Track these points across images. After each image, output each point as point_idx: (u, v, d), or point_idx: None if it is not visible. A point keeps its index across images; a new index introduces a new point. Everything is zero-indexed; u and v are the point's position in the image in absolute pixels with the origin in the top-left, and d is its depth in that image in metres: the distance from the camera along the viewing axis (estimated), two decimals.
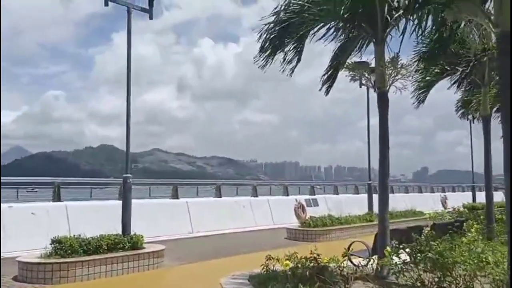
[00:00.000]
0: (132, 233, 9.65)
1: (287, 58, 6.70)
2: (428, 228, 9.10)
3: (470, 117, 26.55)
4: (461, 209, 13.71)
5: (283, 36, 6.35)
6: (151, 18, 10.03)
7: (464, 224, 10.17)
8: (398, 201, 23.96)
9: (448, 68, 8.26)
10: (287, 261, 5.25)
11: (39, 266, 7.91)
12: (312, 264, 5.86)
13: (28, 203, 12.83)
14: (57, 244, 8.43)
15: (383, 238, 5.68)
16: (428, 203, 27.09)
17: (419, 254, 5.01)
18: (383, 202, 5.66)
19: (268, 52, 6.47)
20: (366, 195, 26.28)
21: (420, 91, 9.29)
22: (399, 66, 5.72)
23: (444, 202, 32.34)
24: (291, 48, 6.63)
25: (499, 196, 35.39)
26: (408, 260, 5.71)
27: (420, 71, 6.66)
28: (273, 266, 6.68)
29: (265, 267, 6.56)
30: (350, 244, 7.88)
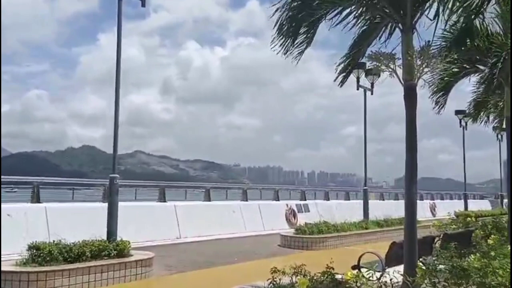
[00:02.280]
0: (118, 238, 8.84)
1: (296, 42, 6.00)
2: (438, 239, 8.49)
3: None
4: (468, 218, 13.10)
5: (298, 20, 5.65)
6: (143, 5, 9.26)
7: (472, 234, 9.59)
8: (388, 208, 23.48)
9: (468, 66, 7.66)
10: (303, 279, 4.45)
11: (13, 275, 7.04)
12: (328, 279, 5.14)
13: (4, 203, 11.86)
14: (34, 251, 7.58)
15: (411, 249, 4.99)
16: (418, 211, 26.56)
17: (460, 271, 4.32)
18: (411, 208, 4.99)
19: (283, 37, 5.78)
20: (357, 201, 25.89)
21: (439, 94, 8.68)
22: (430, 56, 5.06)
23: (433, 210, 32.04)
24: (302, 31, 5.93)
25: (482, 205, 35.36)
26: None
27: (440, 67, 5.99)
28: (280, 280, 5.94)
29: (272, 282, 5.81)
30: (361, 256, 7.18)
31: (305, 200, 22.09)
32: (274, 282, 5.82)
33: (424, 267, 4.44)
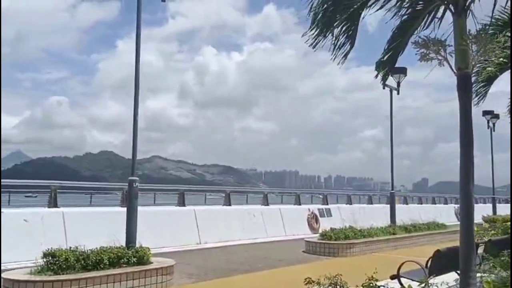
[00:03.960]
0: (137, 244, 8.38)
1: (338, 43, 5.50)
2: (482, 245, 7.85)
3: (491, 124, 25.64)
4: (505, 223, 12.40)
5: (333, 12, 5.16)
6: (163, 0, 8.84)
7: None
8: (412, 213, 22.71)
9: None
10: None
11: (28, 285, 6.61)
12: None
13: (21, 208, 11.55)
14: (50, 258, 7.14)
15: (468, 258, 4.40)
16: (442, 215, 25.71)
17: None
18: (468, 212, 4.41)
19: (317, 31, 5.28)
20: (380, 205, 25.19)
21: (481, 85, 8.06)
22: (487, 40, 4.48)
23: (457, 214, 31.03)
24: (342, 30, 5.43)
25: (508, 209, 34.17)
26: None
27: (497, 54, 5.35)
28: None
29: None
30: (401, 265, 6.59)
31: (327, 204, 21.48)
32: None
33: (489, 280, 3.85)
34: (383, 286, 5.06)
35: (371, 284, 5.00)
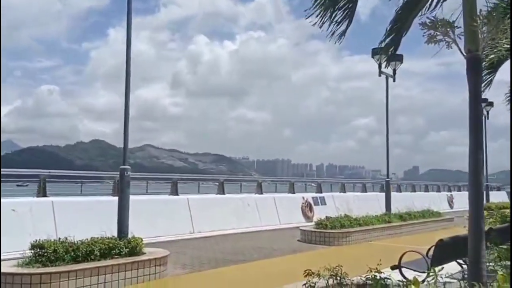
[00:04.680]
0: (129, 235, 8.13)
1: (336, 19, 5.23)
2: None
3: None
4: (501, 210, 12.29)
5: None
6: None
7: None
8: (407, 200, 22.65)
9: None
10: None
11: (15, 277, 6.33)
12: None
13: (8, 198, 11.21)
14: (38, 249, 6.87)
15: (478, 246, 4.19)
16: (435, 203, 25.69)
17: None
18: (477, 198, 4.19)
19: (319, 10, 5.01)
20: (374, 193, 25.10)
21: (486, 71, 7.84)
22: (499, 20, 4.23)
23: (450, 202, 31.10)
24: (340, 6, 5.16)
25: (499, 196, 34.27)
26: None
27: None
28: (315, 285, 5.18)
29: (309, 287, 5.05)
30: (402, 255, 6.39)
31: (321, 192, 21.32)
32: (310, 287, 5.06)
33: (504, 273, 3.63)
34: (388, 278, 4.83)
35: (375, 276, 4.76)
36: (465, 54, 4.47)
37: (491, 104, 25.13)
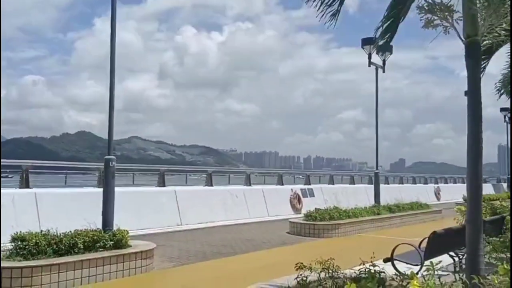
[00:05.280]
0: (115, 227, 7.89)
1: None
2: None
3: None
4: (491, 202, 12.24)
5: None
6: None
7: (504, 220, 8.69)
8: (394, 192, 22.68)
9: None
10: (351, 285, 3.32)
11: None
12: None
13: None
14: (19, 242, 6.61)
15: (476, 238, 4.05)
16: (422, 195, 25.76)
17: None
18: (476, 190, 4.03)
19: None
20: (362, 185, 25.08)
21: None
22: (499, 4, 4.06)
23: (437, 194, 31.25)
24: None
25: (485, 189, 34.49)
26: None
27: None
28: (307, 278, 5.01)
29: (300, 281, 4.88)
30: (395, 248, 6.25)
31: (310, 184, 21.22)
32: (302, 281, 4.89)
33: (505, 266, 3.48)
34: (382, 271, 4.68)
35: (369, 270, 4.60)
36: (463, 39, 4.31)
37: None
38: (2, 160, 12.65)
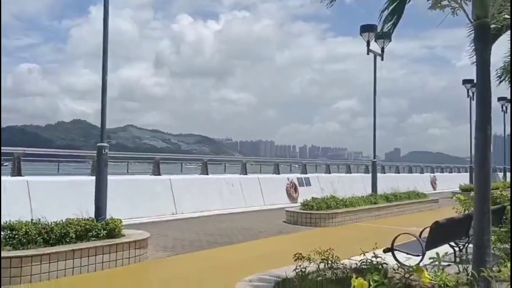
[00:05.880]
0: (108, 216, 7.69)
1: None
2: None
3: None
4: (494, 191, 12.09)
5: None
6: None
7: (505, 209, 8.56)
8: (391, 182, 22.54)
9: None
10: (360, 280, 3.12)
11: None
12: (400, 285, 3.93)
13: None
14: (8, 231, 6.42)
15: (484, 229, 3.88)
16: (419, 184, 25.68)
17: None
18: (484, 178, 3.85)
19: None
20: (358, 175, 24.96)
21: None
22: None
23: (433, 183, 31.22)
24: None
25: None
26: None
27: None
28: (306, 269, 4.85)
29: (299, 272, 4.71)
30: (395, 238, 6.08)
31: (306, 173, 21.08)
32: (301, 272, 4.72)
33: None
34: (385, 263, 4.51)
35: (371, 261, 4.44)
36: (472, 21, 4.10)
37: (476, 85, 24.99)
38: None
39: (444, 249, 6.70)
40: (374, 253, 4.61)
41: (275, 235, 10.42)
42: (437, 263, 4.61)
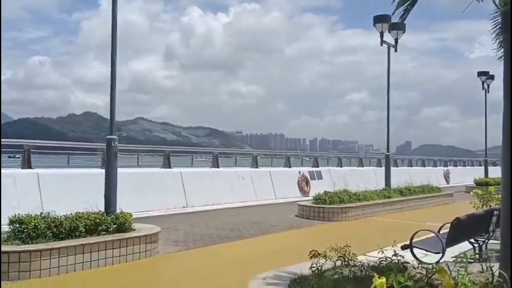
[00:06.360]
0: (118, 210, 7.56)
1: None
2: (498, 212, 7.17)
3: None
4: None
5: None
6: None
7: None
8: (403, 175, 22.23)
9: None
10: (381, 279, 2.91)
11: None
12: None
13: None
14: (17, 225, 6.31)
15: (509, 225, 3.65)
16: (432, 178, 25.33)
17: None
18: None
19: None
20: (370, 168, 24.70)
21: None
22: None
23: (447, 177, 30.82)
24: None
25: (496, 172, 34.03)
26: None
27: None
28: (322, 267, 4.65)
29: (315, 270, 4.53)
30: (414, 234, 5.87)
31: (318, 166, 20.86)
32: (317, 270, 4.54)
33: None
34: (407, 262, 4.31)
35: (391, 260, 4.23)
36: (500, 7, 3.85)
37: (492, 77, 24.53)
38: (4, 139, 12.39)
39: (461, 245, 6.50)
40: (394, 251, 4.38)
41: (287, 230, 10.24)
42: (459, 260, 4.40)
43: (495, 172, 35.10)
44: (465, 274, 3.26)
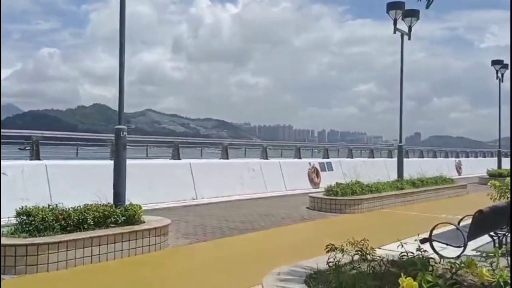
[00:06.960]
0: (127, 201, 7.40)
1: None
2: None
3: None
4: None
5: None
6: None
7: None
8: (414, 166, 21.94)
9: None
10: (408, 279, 2.63)
11: None
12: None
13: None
14: (24, 217, 6.17)
15: None
16: (443, 169, 24.99)
17: None
18: None
19: None
20: (381, 159, 24.43)
21: None
22: None
23: (459, 168, 30.42)
24: None
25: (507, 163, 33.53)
26: None
27: None
28: (338, 261, 4.45)
29: (333, 265, 4.32)
30: (434, 227, 5.64)
31: (328, 158, 20.61)
32: (335, 265, 4.33)
33: None
34: (431, 257, 4.09)
35: (413, 255, 4.02)
36: None
37: (505, 66, 24.07)
38: (11, 130, 12.29)
39: (479, 238, 6.27)
40: (418, 246, 4.17)
41: (298, 222, 10.05)
42: (484, 255, 4.18)
43: (507, 163, 34.73)
44: (500, 269, 3.04)
